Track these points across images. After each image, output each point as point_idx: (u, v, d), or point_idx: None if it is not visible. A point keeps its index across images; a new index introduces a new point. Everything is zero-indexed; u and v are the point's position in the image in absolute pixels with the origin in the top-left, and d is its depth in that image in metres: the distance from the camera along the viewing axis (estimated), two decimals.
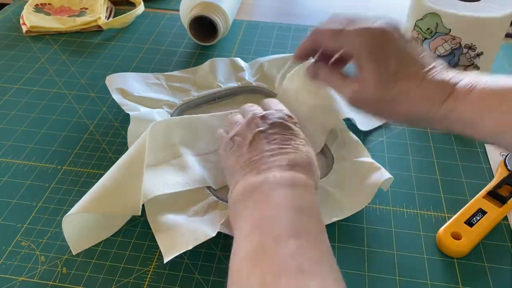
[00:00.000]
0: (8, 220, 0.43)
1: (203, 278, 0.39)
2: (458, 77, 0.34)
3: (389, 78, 0.35)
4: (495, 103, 0.32)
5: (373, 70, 0.35)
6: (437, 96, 0.34)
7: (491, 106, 0.32)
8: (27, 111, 0.56)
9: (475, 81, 0.33)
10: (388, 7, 0.82)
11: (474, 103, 0.32)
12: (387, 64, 0.35)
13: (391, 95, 0.35)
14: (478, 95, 0.32)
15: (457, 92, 0.33)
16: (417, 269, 0.40)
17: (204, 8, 0.64)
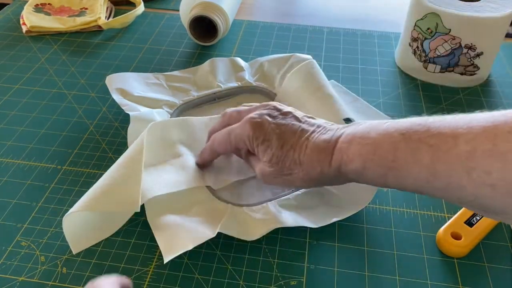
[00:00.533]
0: (8, 220, 0.43)
1: (203, 278, 0.39)
2: (338, 133, 0.37)
3: (278, 153, 0.38)
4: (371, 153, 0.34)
5: (262, 151, 0.39)
6: (322, 157, 0.37)
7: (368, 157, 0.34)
8: (27, 111, 0.56)
9: (353, 133, 0.36)
10: (388, 7, 0.82)
11: (354, 157, 0.35)
12: (271, 143, 0.38)
13: (287, 166, 0.38)
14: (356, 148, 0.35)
15: (340, 149, 0.36)
16: (417, 269, 0.40)
17: (204, 8, 0.64)
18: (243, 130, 0.40)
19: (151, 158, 0.46)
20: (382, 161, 0.33)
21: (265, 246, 0.42)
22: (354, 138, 0.35)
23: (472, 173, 0.29)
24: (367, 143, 0.34)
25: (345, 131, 0.37)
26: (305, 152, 0.37)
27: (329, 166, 0.36)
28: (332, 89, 0.53)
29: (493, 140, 0.28)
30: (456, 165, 0.29)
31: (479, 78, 0.62)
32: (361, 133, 0.35)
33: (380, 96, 0.60)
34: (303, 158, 0.37)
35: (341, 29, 0.74)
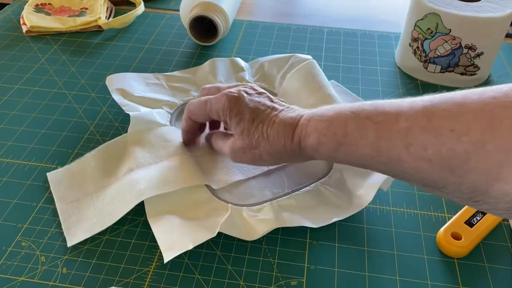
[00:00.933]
0: (8, 220, 0.44)
1: (203, 278, 0.39)
2: (303, 112, 0.40)
3: (249, 126, 0.41)
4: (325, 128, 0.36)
5: (235, 123, 0.41)
6: (286, 132, 0.39)
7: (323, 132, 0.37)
8: (27, 111, 0.56)
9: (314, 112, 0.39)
10: (388, 7, 0.82)
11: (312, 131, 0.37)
12: (244, 116, 0.41)
13: (256, 139, 0.40)
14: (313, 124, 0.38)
15: (301, 125, 0.39)
16: (417, 269, 0.40)
17: (204, 8, 0.64)
18: (219, 101, 0.42)
19: (153, 157, 0.46)
20: (334, 136, 0.36)
21: (265, 246, 0.42)
22: (314, 116, 0.38)
23: (410, 148, 0.31)
24: (323, 120, 0.37)
25: (308, 112, 0.40)
26: (272, 127, 0.40)
27: (292, 140, 0.39)
28: (332, 89, 0.53)
29: (429, 117, 0.30)
30: (397, 140, 0.31)
31: (479, 78, 0.62)
32: (320, 112, 0.38)
33: (380, 96, 0.60)
34: (269, 132, 0.40)
35: (341, 29, 0.74)
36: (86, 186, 0.46)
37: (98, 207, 0.43)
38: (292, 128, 0.39)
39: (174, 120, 0.53)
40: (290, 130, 0.39)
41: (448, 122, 0.29)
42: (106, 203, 0.44)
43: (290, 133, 0.39)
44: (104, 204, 0.44)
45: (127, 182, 0.44)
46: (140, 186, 0.42)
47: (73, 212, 0.43)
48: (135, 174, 0.44)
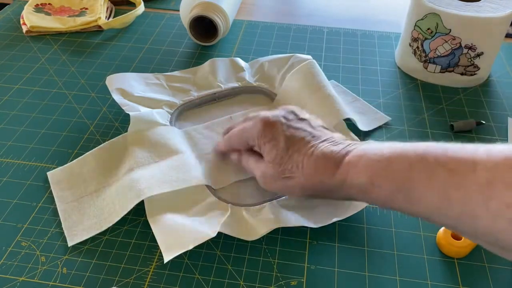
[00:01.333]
0: (8, 220, 0.44)
1: (203, 279, 0.39)
2: (350, 148, 0.37)
3: (283, 154, 0.38)
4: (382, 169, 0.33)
5: (268, 149, 0.39)
6: (327, 166, 0.36)
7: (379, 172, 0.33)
8: (27, 111, 0.56)
9: (365, 149, 0.35)
10: (388, 7, 0.82)
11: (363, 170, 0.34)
12: (278, 143, 0.39)
13: (289, 169, 0.38)
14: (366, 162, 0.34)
15: (348, 162, 0.35)
16: (417, 269, 0.40)
17: (204, 8, 0.64)
18: (254, 126, 0.41)
19: (151, 156, 0.46)
20: (393, 179, 0.32)
21: (265, 246, 0.42)
22: (366, 153, 0.34)
23: (490, 203, 0.27)
24: (379, 160, 0.33)
25: (357, 147, 0.36)
26: (309, 158, 0.37)
27: (332, 176, 0.36)
28: (332, 89, 0.53)
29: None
30: (473, 192, 0.27)
31: (479, 78, 0.62)
32: (374, 149, 0.34)
33: (380, 96, 0.60)
34: (306, 163, 0.37)
35: (341, 29, 0.74)
36: (86, 186, 0.46)
37: (98, 207, 0.44)
38: (335, 164, 0.36)
39: (174, 120, 0.53)
40: (332, 166, 0.36)
41: None
42: (106, 203, 0.44)
43: (331, 169, 0.36)
44: (105, 204, 0.44)
45: (127, 181, 0.44)
46: (140, 186, 0.42)
47: (74, 212, 0.44)
48: (135, 173, 0.44)
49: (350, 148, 0.36)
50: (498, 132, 0.54)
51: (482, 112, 0.57)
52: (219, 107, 0.56)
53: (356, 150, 0.36)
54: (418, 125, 0.55)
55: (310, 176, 0.37)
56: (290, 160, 0.38)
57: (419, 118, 0.56)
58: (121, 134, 0.52)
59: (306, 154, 0.37)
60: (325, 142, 0.38)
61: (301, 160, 0.37)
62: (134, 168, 0.45)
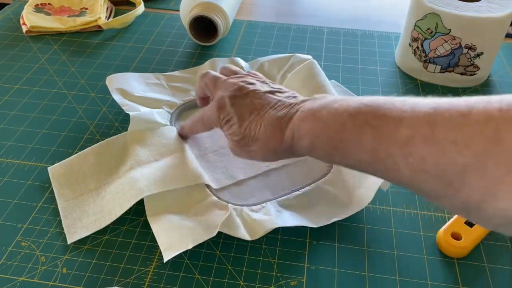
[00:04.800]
0: (8, 220, 0.44)
1: (203, 278, 0.39)
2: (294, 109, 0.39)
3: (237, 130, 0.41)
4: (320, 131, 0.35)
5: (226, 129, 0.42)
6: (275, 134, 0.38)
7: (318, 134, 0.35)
8: (27, 111, 0.56)
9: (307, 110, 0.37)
10: (388, 7, 0.82)
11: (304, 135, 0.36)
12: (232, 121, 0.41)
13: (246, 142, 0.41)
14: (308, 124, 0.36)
15: (293, 125, 0.37)
16: (417, 269, 0.40)
17: (204, 8, 0.64)
18: (211, 113, 0.44)
19: (152, 154, 0.46)
20: (329, 140, 0.34)
21: (265, 246, 0.42)
22: (307, 116, 0.37)
23: (409, 158, 0.29)
24: (317, 121, 0.35)
25: (300, 108, 0.38)
26: (259, 129, 0.40)
27: (281, 142, 0.38)
28: (332, 89, 0.53)
29: (432, 126, 0.28)
30: (395, 149, 0.30)
31: (479, 78, 0.62)
32: (313, 111, 0.36)
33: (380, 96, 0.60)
34: (257, 134, 0.40)
35: (341, 29, 0.74)
36: (86, 184, 0.46)
37: (98, 205, 0.44)
38: (281, 130, 0.38)
39: (174, 120, 0.53)
40: (278, 132, 0.38)
41: (451, 133, 0.27)
42: (106, 201, 0.44)
43: (279, 135, 0.38)
44: (105, 202, 0.44)
45: (127, 180, 0.44)
46: (140, 185, 0.42)
47: (74, 209, 0.44)
48: (136, 172, 0.44)
49: (294, 110, 0.39)
50: None
51: None
52: None
53: (299, 113, 0.38)
54: None
55: (264, 146, 0.40)
56: (245, 134, 0.41)
57: None
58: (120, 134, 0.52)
59: (257, 127, 0.40)
60: (270, 109, 0.40)
61: (253, 133, 0.40)
62: (134, 167, 0.45)
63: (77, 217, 0.43)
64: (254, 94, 0.42)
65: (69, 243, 0.41)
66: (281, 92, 0.42)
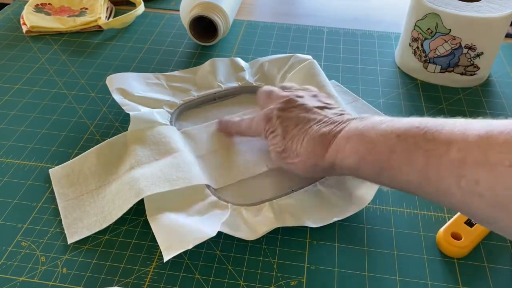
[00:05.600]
0: (8, 220, 0.44)
1: (203, 278, 0.39)
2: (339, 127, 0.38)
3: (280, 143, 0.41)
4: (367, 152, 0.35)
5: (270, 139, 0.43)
6: (317, 150, 0.39)
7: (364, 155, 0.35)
8: (27, 111, 0.56)
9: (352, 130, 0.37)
10: (388, 7, 0.82)
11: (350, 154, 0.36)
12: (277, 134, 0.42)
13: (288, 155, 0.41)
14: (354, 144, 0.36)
15: (337, 143, 0.37)
16: (417, 269, 0.40)
17: (204, 8, 0.64)
18: (259, 122, 0.45)
19: (152, 154, 0.46)
20: (376, 161, 0.34)
21: (265, 246, 0.42)
22: (353, 136, 0.36)
23: (461, 181, 0.29)
24: (364, 142, 0.35)
25: (346, 126, 0.38)
26: (302, 144, 0.40)
27: (323, 159, 0.38)
28: (332, 89, 0.53)
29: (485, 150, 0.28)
30: (447, 171, 0.30)
31: (479, 78, 0.62)
32: (360, 131, 0.36)
33: (380, 96, 0.60)
34: (299, 149, 0.40)
35: (341, 29, 0.74)
36: (87, 184, 0.46)
37: (98, 205, 0.44)
38: (325, 146, 0.38)
39: (174, 120, 0.53)
40: (321, 149, 0.38)
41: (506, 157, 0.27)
42: (106, 201, 0.44)
43: (321, 152, 0.38)
44: (105, 202, 0.44)
45: (128, 180, 0.44)
46: (140, 185, 0.42)
47: (74, 209, 0.44)
48: (136, 172, 0.44)
49: (339, 128, 0.38)
50: None
51: (482, 112, 0.57)
52: (219, 107, 0.56)
53: (344, 132, 0.38)
54: None
55: (305, 160, 0.40)
56: (287, 148, 0.41)
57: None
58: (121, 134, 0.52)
59: (300, 141, 0.40)
60: (315, 125, 0.40)
61: (295, 147, 0.40)
62: (134, 167, 0.45)
63: (78, 217, 0.43)
64: (301, 107, 0.42)
65: (69, 243, 0.41)
66: (329, 108, 0.42)
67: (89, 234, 0.42)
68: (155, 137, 0.48)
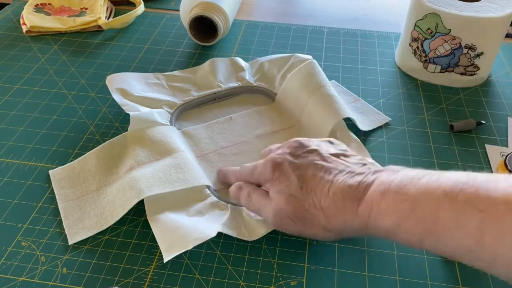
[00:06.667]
0: (8, 220, 0.44)
1: (203, 279, 0.39)
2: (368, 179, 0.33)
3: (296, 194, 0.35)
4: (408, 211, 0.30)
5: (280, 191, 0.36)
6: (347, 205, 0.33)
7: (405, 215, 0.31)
8: (27, 111, 0.56)
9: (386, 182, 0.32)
10: (388, 7, 0.82)
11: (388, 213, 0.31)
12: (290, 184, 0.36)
13: (306, 209, 0.35)
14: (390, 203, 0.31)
15: (370, 198, 0.32)
16: (417, 269, 0.40)
17: (204, 8, 0.64)
18: (264, 169, 0.39)
19: (152, 154, 0.46)
20: (420, 221, 0.30)
21: (265, 246, 0.42)
22: (389, 190, 0.32)
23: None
24: (404, 199, 0.30)
25: (377, 178, 0.33)
26: (327, 197, 0.34)
27: (355, 215, 0.33)
28: (332, 89, 0.53)
29: None
30: (509, 235, 0.26)
31: (479, 78, 0.62)
32: (396, 185, 0.31)
33: (380, 96, 0.60)
34: (324, 203, 0.34)
35: (341, 29, 0.74)
36: (87, 184, 0.46)
37: (99, 206, 0.44)
38: (355, 200, 0.33)
39: (174, 120, 0.53)
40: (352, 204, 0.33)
41: None
42: (107, 202, 0.44)
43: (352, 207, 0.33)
44: (105, 203, 0.44)
45: (128, 180, 0.44)
46: (140, 185, 0.42)
47: (75, 210, 0.44)
48: (136, 172, 0.44)
49: (369, 179, 0.34)
50: (498, 132, 0.54)
51: (482, 112, 0.57)
52: (219, 107, 0.56)
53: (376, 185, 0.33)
54: (418, 125, 0.55)
55: (331, 217, 0.34)
56: (306, 200, 0.35)
57: (419, 118, 0.56)
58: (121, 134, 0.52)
59: (323, 193, 0.34)
60: (339, 175, 0.35)
61: (318, 200, 0.34)
62: (134, 167, 0.45)
63: (78, 218, 0.43)
64: (315, 153, 0.37)
65: (70, 244, 0.41)
66: (346, 156, 0.37)
67: (90, 235, 0.42)
68: (155, 137, 0.48)
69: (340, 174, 0.35)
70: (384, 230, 0.32)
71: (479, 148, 0.52)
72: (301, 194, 0.35)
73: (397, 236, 0.32)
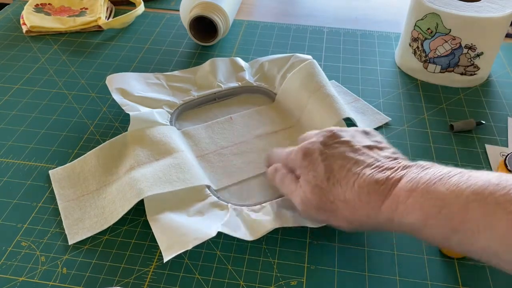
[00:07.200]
0: (8, 220, 0.44)
1: (203, 279, 0.39)
2: (397, 175, 0.33)
3: (323, 184, 0.36)
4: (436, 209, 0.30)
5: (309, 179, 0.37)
6: (372, 199, 0.33)
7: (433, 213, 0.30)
8: (27, 111, 0.56)
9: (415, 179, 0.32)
10: (388, 7, 0.82)
11: (414, 209, 0.31)
12: (317, 173, 0.36)
13: (330, 200, 0.35)
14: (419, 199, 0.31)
15: (397, 196, 0.32)
16: (417, 269, 0.40)
17: (204, 8, 0.64)
18: (296, 155, 0.39)
19: (152, 154, 0.46)
20: (448, 221, 0.29)
21: (265, 246, 0.42)
22: (417, 188, 0.31)
23: None
24: (433, 197, 0.30)
25: (405, 174, 0.33)
26: (352, 189, 0.34)
27: (379, 211, 0.33)
28: (332, 89, 0.53)
29: None
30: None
31: (479, 78, 0.62)
32: (425, 183, 0.31)
33: (380, 96, 0.60)
34: (349, 195, 0.34)
35: (341, 29, 0.74)
36: (87, 184, 0.46)
37: (99, 206, 0.44)
38: (381, 196, 0.33)
39: (174, 120, 0.53)
40: (377, 199, 0.33)
41: None
42: (107, 202, 0.44)
43: (377, 202, 0.33)
44: (105, 203, 0.44)
45: (128, 180, 0.44)
46: (140, 185, 0.42)
47: (75, 210, 0.44)
48: (136, 172, 0.44)
49: (397, 175, 0.33)
50: (498, 132, 0.54)
51: (482, 112, 0.57)
52: (219, 107, 0.56)
53: (404, 181, 0.32)
54: (418, 125, 0.55)
55: (355, 210, 0.34)
56: (331, 192, 0.35)
57: (419, 118, 0.56)
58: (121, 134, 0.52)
59: (348, 185, 0.34)
60: (367, 168, 0.35)
61: (343, 192, 0.35)
62: (134, 167, 0.45)
63: (78, 218, 0.43)
64: (347, 144, 0.37)
65: (70, 244, 0.41)
66: (379, 149, 0.37)
67: (90, 235, 0.42)
68: (155, 137, 0.48)
69: (368, 168, 0.35)
70: (409, 227, 0.32)
71: (479, 148, 0.52)
72: (327, 185, 0.35)
73: (422, 233, 0.32)
